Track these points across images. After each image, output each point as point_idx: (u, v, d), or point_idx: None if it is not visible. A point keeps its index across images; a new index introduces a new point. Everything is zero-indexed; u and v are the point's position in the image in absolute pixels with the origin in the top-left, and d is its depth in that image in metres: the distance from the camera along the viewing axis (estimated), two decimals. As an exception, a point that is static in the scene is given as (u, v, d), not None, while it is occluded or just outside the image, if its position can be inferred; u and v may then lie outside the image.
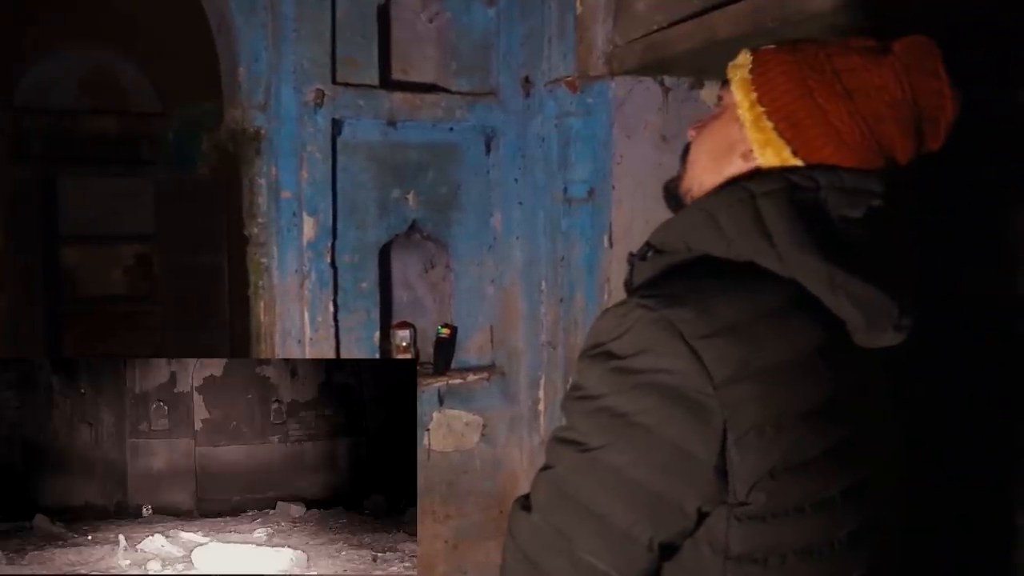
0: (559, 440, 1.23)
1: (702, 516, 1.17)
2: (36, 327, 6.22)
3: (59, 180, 6.37)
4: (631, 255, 1.39)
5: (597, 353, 1.21)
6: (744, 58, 1.33)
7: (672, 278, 1.26)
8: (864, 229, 1.23)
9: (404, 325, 3.63)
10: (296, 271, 3.28)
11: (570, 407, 1.24)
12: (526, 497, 1.26)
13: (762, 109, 1.28)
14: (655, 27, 2.99)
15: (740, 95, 1.31)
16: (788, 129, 1.26)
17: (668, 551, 1.18)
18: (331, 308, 3.33)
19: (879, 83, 1.23)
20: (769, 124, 1.28)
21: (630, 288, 1.36)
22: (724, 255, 1.24)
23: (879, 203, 1.24)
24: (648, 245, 1.36)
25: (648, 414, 1.14)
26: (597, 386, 1.19)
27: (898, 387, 1.36)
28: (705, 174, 1.37)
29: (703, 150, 1.39)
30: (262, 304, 3.36)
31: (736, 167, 1.33)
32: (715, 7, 2.61)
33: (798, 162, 1.26)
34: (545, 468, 1.25)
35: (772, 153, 1.28)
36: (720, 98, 1.41)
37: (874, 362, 1.29)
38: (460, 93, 3.56)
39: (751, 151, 1.31)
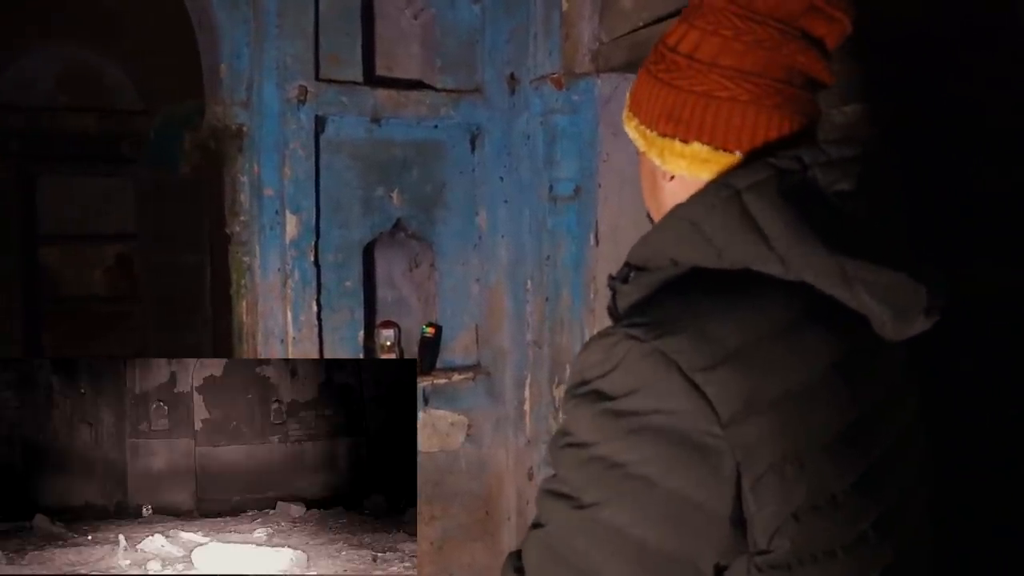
0: (548, 493, 1.08)
1: (719, 571, 1.03)
2: (16, 327, 6.16)
3: (38, 179, 6.33)
4: (611, 278, 1.24)
5: (583, 393, 1.06)
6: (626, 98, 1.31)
7: (661, 299, 1.11)
8: (861, 202, 1.10)
9: (388, 324, 3.60)
10: (279, 270, 3.25)
11: (557, 456, 1.09)
12: (518, 556, 1.13)
13: (642, 125, 1.23)
14: (641, 24, 2.98)
15: (628, 129, 1.28)
16: (667, 123, 1.19)
17: None
18: (314, 307, 3.31)
19: (710, 27, 1.15)
20: (653, 132, 1.21)
21: (615, 315, 1.21)
22: (716, 266, 1.10)
23: (865, 170, 1.12)
24: (628, 265, 1.22)
25: (648, 463, 1.00)
26: (587, 432, 1.04)
27: (918, 388, 1.26)
28: (655, 213, 1.29)
29: (645, 194, 1.33)
30: (244, 303, 3.34)
31: (667, 191, 1.24)
32: (701, 4, 2.62)
33: (712, 150, 1.16)
34: (536, 525, 1.10)
35: (673, 156, 1.19)
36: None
37: (898, 364, 1.19)
38: (445, 90, 3.54)
39: (665, 171, 1.22)
